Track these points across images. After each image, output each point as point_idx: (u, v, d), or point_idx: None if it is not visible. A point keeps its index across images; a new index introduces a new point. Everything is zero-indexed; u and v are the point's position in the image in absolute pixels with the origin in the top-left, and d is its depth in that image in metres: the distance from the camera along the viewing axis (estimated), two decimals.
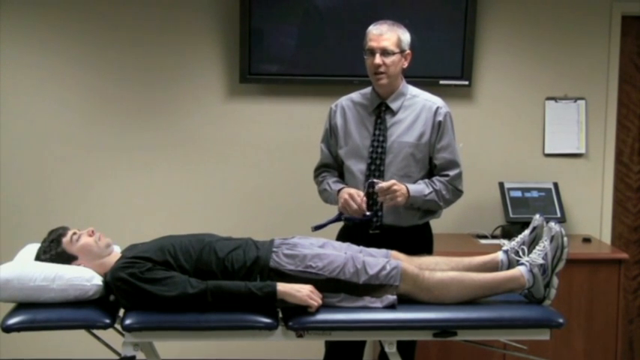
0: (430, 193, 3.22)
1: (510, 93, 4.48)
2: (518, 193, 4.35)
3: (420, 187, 3.22)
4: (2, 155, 4.40)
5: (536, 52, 4.45)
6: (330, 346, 3.37)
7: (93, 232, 2.89)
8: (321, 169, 3.44)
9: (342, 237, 3.29)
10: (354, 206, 3.16)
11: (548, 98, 4.48)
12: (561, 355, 3.97)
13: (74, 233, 2.88)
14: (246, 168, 4.47)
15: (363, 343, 3.40)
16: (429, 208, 3.30)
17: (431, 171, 3.32)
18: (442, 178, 3.27)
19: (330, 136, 3.40)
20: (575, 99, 4.48)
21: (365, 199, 3.17)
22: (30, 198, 4.43)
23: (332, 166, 3.41)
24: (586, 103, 4.48)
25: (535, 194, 4.36)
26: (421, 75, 4.19)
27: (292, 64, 4.37)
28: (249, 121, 4.45)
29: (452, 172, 3.28)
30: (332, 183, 3.34)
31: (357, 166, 3.29)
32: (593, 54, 4.46)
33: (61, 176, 4.44)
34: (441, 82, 4.32)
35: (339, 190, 3.26)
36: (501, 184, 4.38)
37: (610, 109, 4.50)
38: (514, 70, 4.47)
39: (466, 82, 4.37)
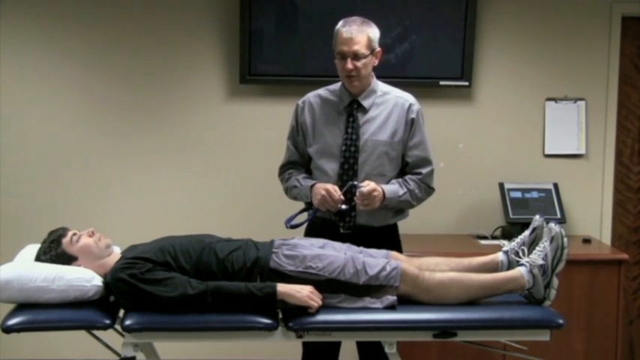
0: (404, 193, 3.21)
1: (510, 94, 4.48)
2: (518, 194, 4.35)
3: (395, 188, 3.20)
4: (2, 156, 4.40)
5: (537, 53, 4.45)
6: (307, 347, 3.36)
7: (93, 232, 2.90)
8: (287, 167, 3.39)
9: (311, 234, 3.27)
10: (331, 202, 3.14)
11: (548, 99, 4.48)
12: (561, 355, 3.97)
13: (74, 234, 2.88)
14: (246, 168, 4.47)
15: (338, 343, 3.37)
16: (401, 208, 3.29)
17: (403, 169, 3.30)
18: (414, 177, 3.25)
19: (298, 133, 3.35)
20: (575, 100, 4.48)
21: (342, 196, 3.14)
22: (30, 199, 4.43)
23: (299, 164, 3.37)
24: (586, 104, 4.48)
25: (535, 195, 4.36)
26: (421, 76, 4.20)
27: (292, 64, 4.37)
28: (250, 122, 4.45)
29: (424, 170, 3.26)
30: (302, 179, 3.30)
31: (330, 165, 3.25)
32: (593, 55, 4.46)
33: (61, 177, 4.44)
34: (441, 82, 4.32)
35: (312, 186, 3.22)
36: (501, 185, 4.38)
37: (610, 109, 4.50)
38: (514, 71, 4.47)
39: (466, 83, 4.36)
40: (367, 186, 3.10)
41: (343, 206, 3.16)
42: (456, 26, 4.32)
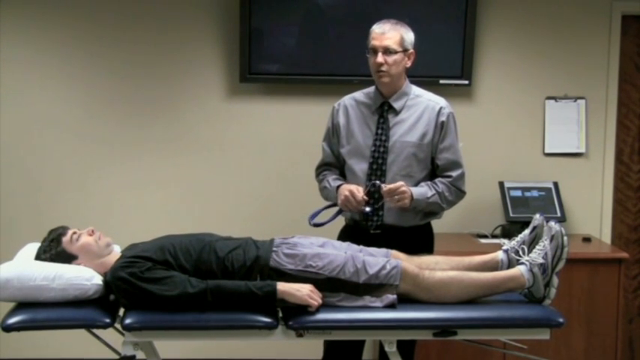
0: (433, 195, 3.22)
1: (510, 92, 4.48)
2: (518, 193, 4.35)
3: (423, 190, 3.22)
4: (2, 154, 4.40)
5: (536, 52, 4.45)
6: (329, 346, 3.37)
7: (93, 231, 2.89)
8: (322, 168, 3.45)
9: (344, 237, 3.30)
10: (354, 202, 3.17)
11: (548, 97, 4.48)
12: (561, 354, 3.97)
13: (74, 233, 2.88)
14: (245, 167, 4.47)
15: (362, 343, 3.40)
16: (431, 211, 3.30)
17: (433, 171, 3.32)
18: (444, 180, 3.27)
19: (332, 134, 3.40)
20: (575, 98, 4.48)
21: (365, 197, 3.17)
22: (30, 197, 4.43)
23: (334, 165, 3.42)
24: (586, 103, 4.48)
25: (535, 194, 4.36)
26: (421, 74, 4.18)
27: (292, 63, 4.37)
28: (249, 121, 4.45)
29: (454, 173, 3.27)
30: (332, 180, 3.35)
31: (359, 166, 3.29)
32: (593, 53, 4.46)
33: (61, 175, 4.44)
34: (441, 81, 4.32)
35: (339, 187, 3.27)
36: (501, 184, 4.38)
37: (610, 108, 4.50)
38: (514, 70, 4.47)
39: (466, 82, 4.37)
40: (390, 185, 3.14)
41: (367, 208, 3.18)
42: (456, 25, 4.33)
